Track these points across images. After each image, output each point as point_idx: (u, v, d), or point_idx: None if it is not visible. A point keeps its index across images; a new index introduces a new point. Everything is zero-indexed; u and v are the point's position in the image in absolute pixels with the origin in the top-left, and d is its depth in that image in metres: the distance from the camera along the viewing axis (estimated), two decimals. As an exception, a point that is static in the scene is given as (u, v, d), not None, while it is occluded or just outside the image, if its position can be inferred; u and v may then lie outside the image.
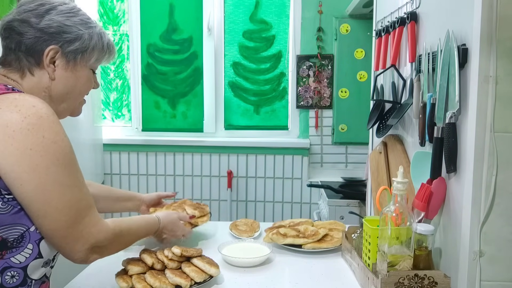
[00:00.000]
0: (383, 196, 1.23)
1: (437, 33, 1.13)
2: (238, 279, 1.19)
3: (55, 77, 0.96)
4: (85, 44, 0.98)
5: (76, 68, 0.98)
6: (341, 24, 2.79)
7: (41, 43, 0.93)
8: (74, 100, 1.02)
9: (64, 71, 0.97)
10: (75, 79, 0.99)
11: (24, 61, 0.94)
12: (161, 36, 3.00)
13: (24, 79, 0.94)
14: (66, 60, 0.96)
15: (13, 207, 0.82)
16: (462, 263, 0.97)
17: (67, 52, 0.96)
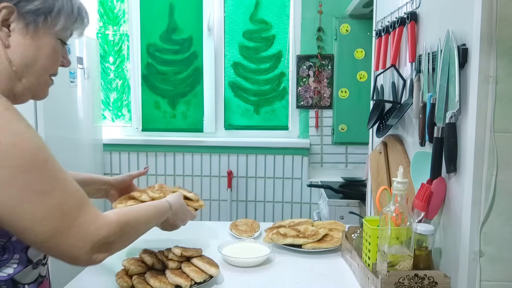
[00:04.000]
0: (383, 196, 1.23)
1: (437, 33, 1.13)
2: (238, 279, 1.19)
3: (9, 44, 0.77)
4: (48, 4, 0.79)
5: (38, 35, 0.79)
6: (341, 24, 2.79)
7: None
8: (36, 77, 0.82)
9: (22, 38, 0.78)
10: (36, 48, 0.80)
11: None
12: (161, 36, 3.00)
13: None
14: (24, 23, 0.78)
15: None
16: (462, 263, 0.97)
17: (25, 12, 0.77)
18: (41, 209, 0.70)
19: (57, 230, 0.72)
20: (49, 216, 0.71)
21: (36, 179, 0.70)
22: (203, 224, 1.54)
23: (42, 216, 0.70)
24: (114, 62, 3.04)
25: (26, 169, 0.69)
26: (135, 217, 0.89)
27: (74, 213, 0.74)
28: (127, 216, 0.86)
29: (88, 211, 0.76)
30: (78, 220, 0.74)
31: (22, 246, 0.77)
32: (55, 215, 0.72)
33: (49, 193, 0.71)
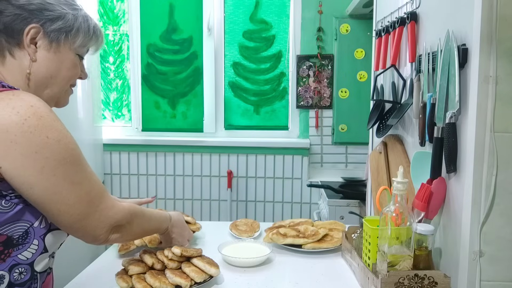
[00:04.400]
0: (383, 196, 1.23)
1: (437, 33, 1.13)
2: (238, 279, 1.19)
3: (36, 59, 0.90)
4: (69, 24, 0.93)
5: (60, 50, 0.93)
6: (341, 24, 2.79)
7: (21, 21, 0.88)
8: (59, 87, 0.96)
9: (47, 52, 0.91)
10: (58, 62, 0.93)
11: (3, 42, 0.89)
12: (161, 36, 3.00)
13: (5, 64, 0.89)
14: (48, 40, 0.91)
15: (16, 205, 0.81)
16: (462, 263, 0.97)
17: (50, 31, 0.91)
18: (74, 196, 0.84)
19: (84, 214, 0.86)
20: (79, 202, 0.85)
21: (72, 170, 0.83)
22: (203, 224, 1.54)
23: (74, 202, 0.84)
24: (114, 62, 3.04)
25: (66, 162, 0.82)
26: (141, 211, 1.04)
27: (97, 200, 0.88)
28: (135, 207, 1.00)
29: (108, 198, 0.91)
30: (101, 206, 0.89)
31: (41, 232, 0.85)
32: (84, 201, 0.85)
33: (81, 183, 0.85)
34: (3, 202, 0.79)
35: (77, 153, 0.85)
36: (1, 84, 0.84)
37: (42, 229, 0.85)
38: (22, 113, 0.77)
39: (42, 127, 0.78)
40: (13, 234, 0.81)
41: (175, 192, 2.98)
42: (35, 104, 0.80)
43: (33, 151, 0.77)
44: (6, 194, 0.80)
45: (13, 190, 0.80)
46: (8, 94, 0.80)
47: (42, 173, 0.79)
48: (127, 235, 0.98)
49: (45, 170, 0.79)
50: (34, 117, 0.78)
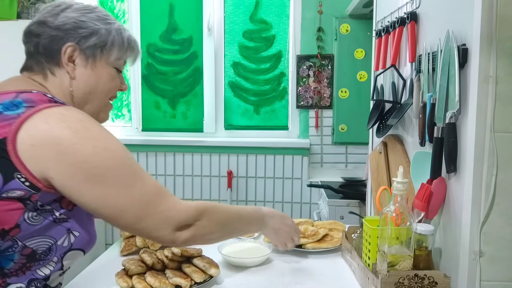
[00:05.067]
0: (383, 196, 1.23)
1: (437, 33, 1.13)
2: (238, 279, 1.19)
3: (75, 76, 0.94)
4: (102, 39, 0.95)
5: (96, 65, 0.96)
6: (341, 24, 2.79)
7: (58, 41, 0.92)
8: (99, 101, 0.99)
9: (84, 69, 0.95)
10: (96, 77, 0.96)
11: (44, 63, 0.93)
12: (161, 36, 3.00)
13: (47, 81, 0.93)
14: (84, 57, 0.94)
15: (45, 219, 0.82)
16: (462, 263, 0.97)
17: (85, 48, 0.94)
18: (127, 199, 0.83)
19: (141, 216, 0.85)
20: (134, 205, 0.84)
21: (123, 175, 0.83)
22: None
23: (128, 205, 0.84)
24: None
25: (115, 167, 0.82)
26: (215, 207, 0.99)
27: (155, 201, 0.86)
28: (206, 204, 0.96)
29: (168, 199, 0.88)
30: (160, 207, 0.86)
31: (62, 251, 0.85)
32: (139, 203, 0.84)
33: (133, 186, 0.84)
34: (34, 215, 0.80)
35: (125, 157, 0.85)
36: (54, 100, 0.87)
37: (64, 247, 0.85)
38: (73, 127, 0.80)
39: (90, 138, 0.81)
40: (38, 248, 0.82)
41: (175, 192, 2.98)
42: (84, 119, 0.84)
43: (82, 161, 0.79)
44: (41, 207, 0.81)
45: (50, 204, 0.81)
46: (60, 109, 0.83)
47: (90, 181, 0.80)
48: (201, 234, 0.94)
49: (94, 178, 0.80)
50: (83, 130, 0.81)
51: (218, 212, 0.99)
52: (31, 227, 0.80)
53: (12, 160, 0.76)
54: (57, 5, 0.95)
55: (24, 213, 0.78)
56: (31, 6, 2.45)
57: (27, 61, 0.96)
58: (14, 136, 0.77)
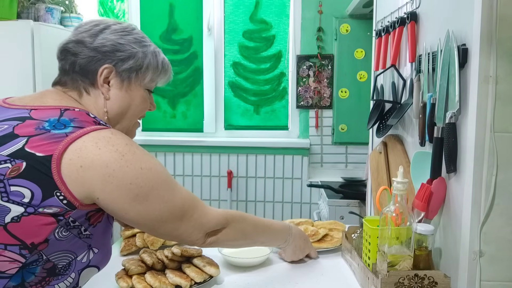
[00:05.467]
0: (383, 196, 1.23)
1: (437, 33, 1.13)
2: (238, 279, 1.19)
3: (109, 97, 0.95)
4: (139, 62, 0.97)
5: (131, 88, 0.98)
6: (341, 24, 2.79)
7: (95, 63, 0.93)
8: (129, 122, 1.01)
9: (119, 91, 0.96)
10: (129, 99, 0.98)
11: (79, 82, 0.94)
12: (161, 36, 3.00)
13: (82, 99, 0.94)
14: (120, 79, 0.96)
15: (72, 234, 0.82)
16: (462, 263, 0.97)
17: (121, 71, 0.95)
18: (168, 213, 0.89)
19: (178, 225, 0.92)
20: (173, 217, 0.91)
21: (164, 191, 0.88)
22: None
23: (168, 217, 0.90)
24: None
25: (158, 186, 0.87)
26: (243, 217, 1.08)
27: (190, 212, 0.94)
28: (233, 213, 1.05)
29: (200, 208, 0.96)
30: (194, 216, 0.94)
31: (80, 267, 0.86)
32: (178, 214, 0.91)
33: (172, 200, 0.90)
34: (63, 230, 0.80)
35: (165, 175, 0.90)
36: (98, 121, 0.89)
37: (82, 263, 0.86)
38: (121, 150, 0.83)
39: (136, 160, 0.84)
40: (58, 263, 0.82)
41: (175, 192, 2.98)
42: (129, 142, 0.87)
43: (128, 183, 0.82)
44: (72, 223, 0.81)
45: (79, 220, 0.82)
46: (107, 133, 0.85)
47: (135, 200, 0.84)
48: (226, 239, 1.02)
49: (138, 197, 0.84)
50: (130, 153, 0.84)
51: (245, 222, 1.08)
52: (58, 242, 0.80)
53: (54, 178, 0.77)
54: (95, 25, 0.96)
55: (55, 228, 0.79)
56: (31, 6, 2.45)
57: (61, 77, 0.96)
58: (61, 155, 0.78)
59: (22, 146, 0.79)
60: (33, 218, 0.77)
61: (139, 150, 0.87)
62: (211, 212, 0.98)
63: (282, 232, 1.20)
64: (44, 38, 2.33)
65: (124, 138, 0.86)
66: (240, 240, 1.09)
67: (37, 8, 2.45)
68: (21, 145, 0.79)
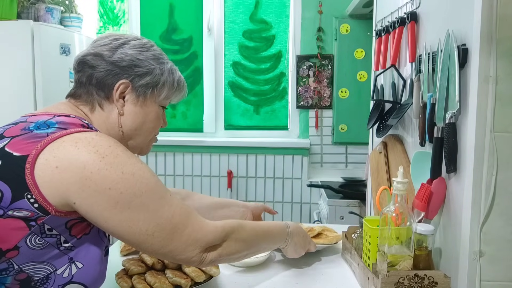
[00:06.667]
0: (383, 196, 1.23)
1: (437, 33, 1.13)
2: (238, 279, 1.19)
3: (123, 113, 0.94)
4: (156, 79, 0.96)
5: (146, 104, 0.96)
6: (341, 24, 2.79)
7: (112, 77, 0.92)
8: (143, 138, 0.99)
9: (134, 106, 0.95)
10: (144, 115, 0.96)
11: (94, 95, 0.93)
12: (161, 36, 3.01)
13: (93, 113, 0.93)
14: (136, 95, 0.94)
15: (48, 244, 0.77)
16: (462, 263, 0.97)
17: (138, 86, 0.94)
18: (153, 225, 0.81)
19: (167, 240, 0.83)
20: (160, 230, 0.82)
21: (149, 200, 0.81)
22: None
23: (154, 230, 0.81)
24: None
25: (142, 193, 0.80)
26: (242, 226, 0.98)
27: (182, 224, 0.84)
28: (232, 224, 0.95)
29: (195, 221, 0.87)
30: (187, 230, 0.85)
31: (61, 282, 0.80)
32: (166, 228, 0.82)
33: (158, 211, 0.82)
34: (37, 239, 0.76)
35: (152, 182, 0.82)
36: (88, 126, 0.86)
37: (64, 278, 0.80)
38: (101, 152, 0.78)
39: (118, 164, 0.79)
40: (34, 274, 0.77)
41: (175, 192, 2.98)
42: (113, 144, 0.81)
43: (107, 188, 0.77)
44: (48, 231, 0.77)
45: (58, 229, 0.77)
46: (91, 134, 0.81)
47: (116, 207, 0.78)
48: (228, 253, 0.93)
49: (119, 204, 0.78)
50: (111, 155, 0.79)
51: (245, 231, 0.98)
52: (31, 251, 0.76)
53: (26, 179, 0.74)
54: (115, 39, 0.95)
55: (27, 235, 0.75)
56: (31, 6, 2.45)
57: (76, 89, 0.95)
58: (37, 155, 0.75)
59: (3, 146, 0.77)
60: (1, 222, 0.73)
61: (124, 153, 0.81)
62: (207, 226, 0.88)
63: (281, 234, 1.14)
64: (44, 38, 2.33)
65: (109, 140, 0.82)
66: (243, 252, 0.98)
67: (37, 8, 2.45)
68: (2, 145, 0.77)
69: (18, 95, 2.31)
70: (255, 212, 1.42)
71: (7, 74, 2.33)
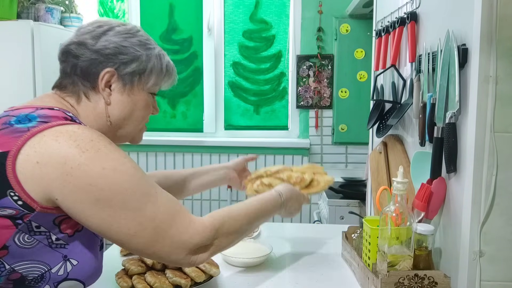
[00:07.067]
0: (383, 196, 1.23)
1: (437, 33, 1.13)
2: (238, 279, 1.19)
3: (110, 102, 0.91)
4: (142, 66, 0.92)
5: (133, 92, 0.93)
6: (341, 24, 2.79)
7: (97, 66, 0.88)
8: (133, 127, 0.96)
9: (121, 95, 0.91)
10: (132, 103, 0.93)
11: (79, 85, 0.89)
12: (161, 36, 3.01)
13: (80, 104, 0.90)
14: (122, 83, 0.91)
15: (39, 242, 0.75)
16: (462, 263, 0.97)
17: (124, 74, 0.90)
18: (135, 224, 0.77)
19: (152, 241, 0.79)
20: (143, 229, 0.78)
21: (131, 197, 0.77)
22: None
23: (136, 230, 0.78)
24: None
25: (124, 190, 0.77)
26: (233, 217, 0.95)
27: (166, 224, 0.80)
28: (222, 216, 0.91)
29: (181, 220, 0.82)
30: (172, 230, 0.80)
31: (56, 279, 0.79)
32: (149, 228, 0.78)
33: (142, 209, 0.78)
34: (26, 237, 0.74)
35: (136, 179, 0.79)
36: (71, 118, 0.83)
37: (59, 276, 0.78)
38: (82, 146, 0.75)
39: (98, 159, 0.76)
40: (28, 274, 0.76)
41: (175, 192, 2.98)
42: (95, 138, 0.78)
43: (87, 183, 0.74)
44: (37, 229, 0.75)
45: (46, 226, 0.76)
46: (73, 127, 0.78)
47: (97, 204, 0.75)
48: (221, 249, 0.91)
49: (100, 202, 0.75)
50: (92, 150, 0.76)
51: (236, 220, 0.95)
52: (22, 250, 0.74)
53: (8, 176, 0.72)
54: (98, 26, 0.91)
55: (15, 234, 0.73)
56: (31, 6, 2.45)
57: (61, 80, 0.92)
58: (18, 151, 0.73)
59: None
60: None
61: (106, 148, 0.78)
62: (194, 226, 0.83)
63: (275, 205, 1.10)
64: (44, 38, 2.33)
65: (91, 134, 0.78)
66: (237, 240, 0.97)
67: (37, 8, 2.45)
68: None
69: (18, 95, 2.31)
70: (237, 168, 1.38)
71: (7, 74, 2.33)
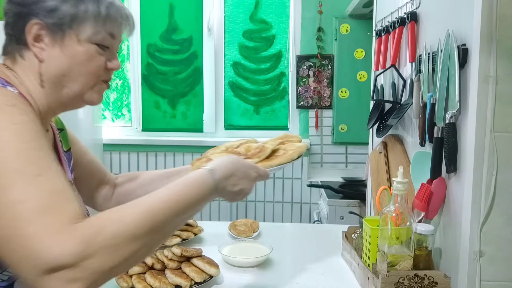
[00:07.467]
0: (383, 196, 1.23)
1: (437, 33, 1.13)
2: (238, 279, 1.19)
3: (43, 58, 0.80)
4: (71, 11, 0.79)
5: (65, 44, 0.80)
6: (341, 24, 2.79)
7: (22, 19, 0.78)
8: (80, 84, 0.83)
9: (52, 50, 0.80)
10: (67, 58, 0.80)
11: (14, 45, 0.81)
12: (161, 36, 3.00)
13: (16, 65, 0.81)
14: (52, 36, 0.79)
15: None
16: (462, 263, 0.97)
17: (50, 25, 0.79)
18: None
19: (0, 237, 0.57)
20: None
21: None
22: (203, 224, 1.54)
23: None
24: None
25: None
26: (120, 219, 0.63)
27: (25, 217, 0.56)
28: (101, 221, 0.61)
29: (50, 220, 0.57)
30: (28, 229, 0.56)
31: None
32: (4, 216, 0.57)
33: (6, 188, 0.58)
34: None
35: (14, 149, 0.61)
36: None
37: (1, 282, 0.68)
38: None
39: None
40: None
41: (175, 192, 2.97)
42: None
43: None
44: None
45: None
46: None
47: None
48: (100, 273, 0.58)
49: None
50: None
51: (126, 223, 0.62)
52: None
53: None
54: None
55: None
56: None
57: (4, 44, 0.84)
58: None
59: None
60: None
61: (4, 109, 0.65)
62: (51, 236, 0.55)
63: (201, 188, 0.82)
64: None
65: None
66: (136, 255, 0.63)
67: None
68: None
69: (18, 95, 2.31)
70: None
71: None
